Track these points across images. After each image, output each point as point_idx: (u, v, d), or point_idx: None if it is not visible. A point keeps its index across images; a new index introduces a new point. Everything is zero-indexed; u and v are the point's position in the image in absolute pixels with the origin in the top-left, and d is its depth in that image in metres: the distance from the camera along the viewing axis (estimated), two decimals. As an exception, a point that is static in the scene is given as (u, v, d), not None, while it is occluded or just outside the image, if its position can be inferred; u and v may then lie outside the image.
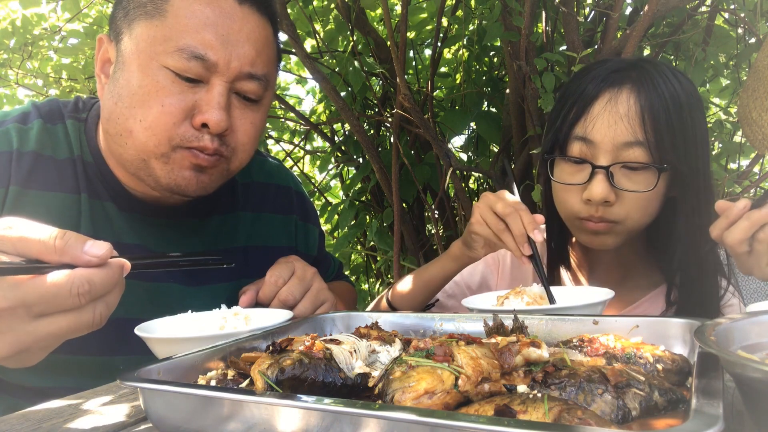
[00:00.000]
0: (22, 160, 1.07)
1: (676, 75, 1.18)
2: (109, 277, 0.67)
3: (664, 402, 0.56)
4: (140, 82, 1.01)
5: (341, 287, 1.53)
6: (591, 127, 1.16)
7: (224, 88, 1.04)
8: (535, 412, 0.50)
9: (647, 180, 1.15)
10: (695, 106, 1.17)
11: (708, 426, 0.41)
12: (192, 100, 1.03)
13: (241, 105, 1.09)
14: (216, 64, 1.02)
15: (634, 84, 1.15)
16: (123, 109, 1.03)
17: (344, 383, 0.65)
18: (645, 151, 1.13)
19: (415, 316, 0.95)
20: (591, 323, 0.79)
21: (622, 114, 1.14)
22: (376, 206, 3.24)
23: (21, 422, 0.72)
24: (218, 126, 1.03)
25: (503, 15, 2.15)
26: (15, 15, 3.19)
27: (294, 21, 2.59)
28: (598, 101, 1.16)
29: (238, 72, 1.05)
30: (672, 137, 1.13)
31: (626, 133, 1.13)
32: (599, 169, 1.15)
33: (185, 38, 1.00)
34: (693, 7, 2.25)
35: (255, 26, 1.07)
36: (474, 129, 3.01)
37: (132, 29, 1.04)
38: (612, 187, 1.15)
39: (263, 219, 1.38)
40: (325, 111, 3.44)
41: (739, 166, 2.73)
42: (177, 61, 1.00)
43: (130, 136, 1.03)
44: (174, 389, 0.60)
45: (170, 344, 0.87)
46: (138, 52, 1.02)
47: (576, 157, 1.19)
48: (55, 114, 1.15)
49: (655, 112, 1.12)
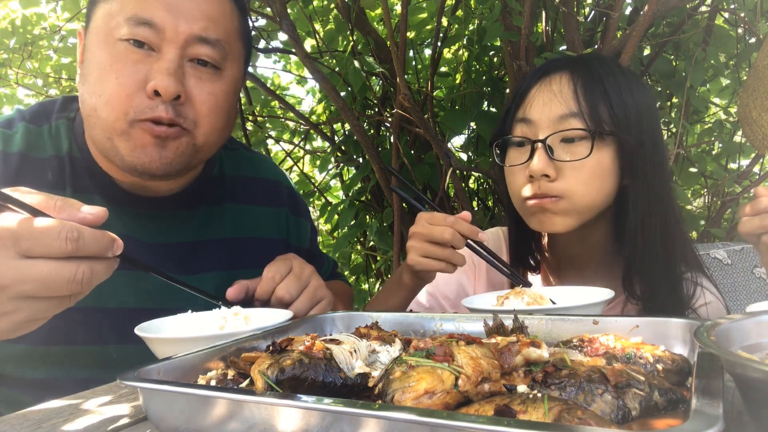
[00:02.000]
0: (8, 162, 1.10)
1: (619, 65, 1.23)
2: (99, 238, 0.69)
3: (664, 402, 0.56)
4: (99, 59, 1.04)
5: (337, 286, 1.53)
6: (528, 108, 1.22)
7: (174, 54, 1.05)
8: (535, 412, 0.50)
9: (586, 150, 1.17)
10: (637, 89, 1.20)
11: (708, 426, 0.41)
12: (144, 70, 1.04)
13: (197, 73, 1.09)
14: (163, 29, 1.04)
15: (568, 68, 1.21)
16: (88, 88, 1.06)
17: (344, 383, 0.64)
18: (580, 121, 1.16)
19: (415, 316, 0.94)
20: (591, 323, 0.79)
21: (555, 91, 1.19)
22: (376, 206, 3.24)
23: (21, 422, 0.72)
24: (167, 91, 1.03)
25: (503, 15, 2.15)
26: (15, 15, 3.19)
27: (294, 21, 2.59)
28: (535, 86, 1.23)
29: (187, 35, 1.05)
30: (609, 107, 1.16)
31: (560, 107, 1.18)
32: (537, 143, 1.19)
33: (133, 8, 1.03)
34: (693, 7, 2.25)
35: None
36: (474, 129, 3.01)
37: (95, 14, 1.08)
38: (551, 160, 1.17)
39: (252, 211, 1.39)
40: (325, 111, 3.44)
41: (739, 166, 2.73)
42: (126, 29, 1.03)
43: (95, 113, 1.05)
44: (174, 389, 0.60)
45: (170, 344, 0.87)
46: (97, 32, 1.06)
47: (517, 137, 1.24)
48: (41, 116, 1.19)
49: (588, 86, 1.17)
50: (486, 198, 3.40)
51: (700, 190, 2.86)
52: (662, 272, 1.20)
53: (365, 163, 2.97)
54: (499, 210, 3.13)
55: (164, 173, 1.09)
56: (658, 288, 1.20)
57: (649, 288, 1.21)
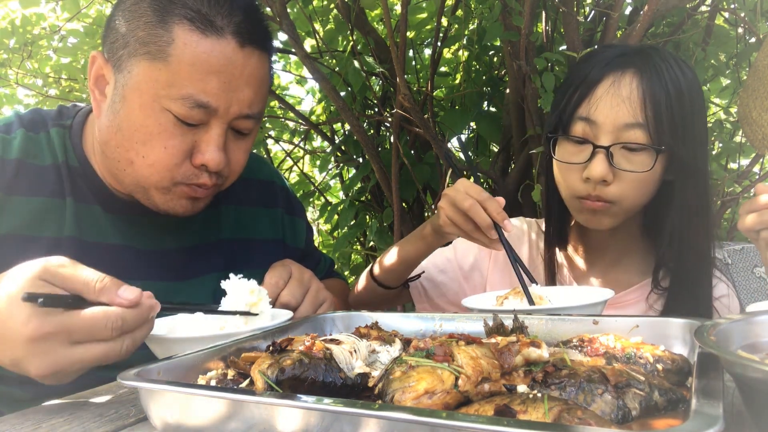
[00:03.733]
0: (5, 168, 1.10)
1: (679, 63, 1.21)
2: (139, 316, 0.78)
3: (664, 402, 0.56)
4: (143, 122, 1.04)
5: (335, 285, 1.54)
6: (594, 108, 1.20)
7: (222, 129, 1.07)
8: (535, 412, 0.50)
9: (645, 161, 1.18)
10: (695, 94, 1.21)
11: (708, 426, 0.41)
12: (192, 140, 1.06)
13: (235, 138, 1.13)
14: (217, 109, 1.05)
15: (637, 69, 1.19)
16: (123, 140, 1.06)
17: (344, 383, 0.65)
18: (644, 133, 1.16)
19: (415, 316, 0.95)
20: (591, 323, 0.79)
21: (624, 96, 1.17)
22: (376, 206, 3.24)
23: (21, 422, 0.72)
24: (217, 167, 1.08)
25: (503, 15, 2.14)
26: (15, 15, 3.18)
27: (294, 21, 2.58)
28: (602, 84, 1.20)
29: (237, 115, 1.08)
30: (671, 121, 1.16)
31: (627, 115, 1.17)
32: (600, 148, 1.18)
33: (189, 87, 1.02)
34: (693, 7, 2.25)
35: (255, 67, 1.09)
36: (474, 129, 3.01)
37: (133, 65, 1.04)
38: (611, 166, 1.18)
39: (247, 212, 1.40)
40: (325, 111, 3.44)
41: (739, 166, 2.72)
42: (180, 107, 1.02)
43: (131, 166, 1.07)
44: (174, 389, 0.60)
45: (170, 344, 0.87)
46: (140, 92, 1.03)
47: (578, 137, 1.22)
48: (38, 123, 1.18)
49: (656, 96, 1.16)
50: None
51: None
52: (695, 270, 1.24)
53: (365, 163, 2.97)
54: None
55: (189, 216, 1.16)
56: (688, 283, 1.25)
57: (677, 282, 1.25)
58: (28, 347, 0.72)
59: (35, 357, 0.73)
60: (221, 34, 1.03)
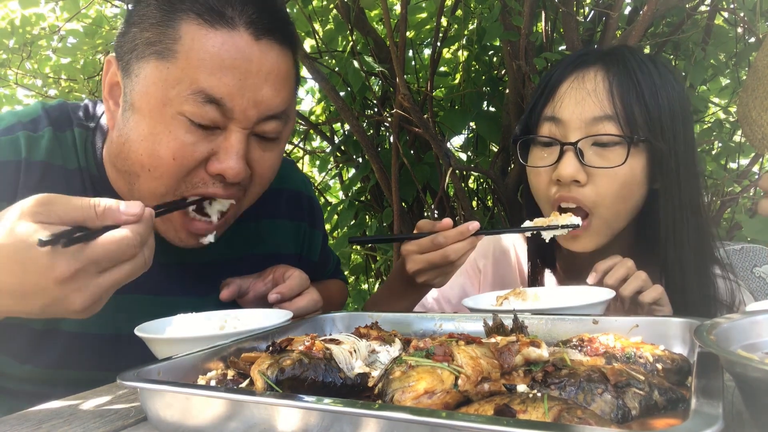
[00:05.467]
0: (31, 170, 1.04)
1: (655, 63, 1.16)
2: (149, 226, 0.80)
3: (663, 401, 0.56)
4: (151, 130, 0.96)
5: (333, 286, 1.53)
6: (559, 106, 1.15)
7: (243, 135, 0.98)
8: (535, 412, 0.50)
9: (619, 157, 1.10)
10: (675, 93, 1.14)
11: (708, 425, 0.41)
12: (207, 148, 0.98)
13: (260, 146, 1.03)
14: (233, 110, 0.96)
15: (603, 63, 1.14)
16: (131, 152, 0.99)
17: (344, 383, 0.64)
18: (615, 125, 1.10)
19: (415, 316, 0.94)
20: (591, 323, 0.79)
21: (589, 90, 1.12)
22: (376, 206, 3.24)
23: (21, 422, 0.72)
24: (237, 177, 0.99)
25: (503, 15, 2.14)
26: (14, 15, 3.18)
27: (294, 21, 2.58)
28: (566, 81, 1.15)
29: (257, 118, 0.99)
30: (645, 112, 1.10)
31: (594, 108, 1.11)
32: (567, 146, 1.12)
33: (199, 80, 0.93)
34: (692, 7, 2.25)
35: (274, 62, 0.99)
36: (473, 129, 3.01)
37: (141, 68, 0.97)
38: (582, 164, 1.11)
39: (275, 225, 1.35)
40: (324, 111, 3.44)
41: (738, 166, 2.73)
42: (191, 106, 0.94)
43: (137, 180, 1.01)
44: (174, 389, 0.60)
45: (170, 344, 0.87)
46: (148, 96, 0.96)
47: (545, 137, 1.17)
48: (65, 120, 1.12)
49: (624, 86, 1.10)
50: (486, 198, 3.40)
51: (700, 190, 2.86)
52: (694, 275, 1.16)
53: (365, 163, 2.97)
54: (498, 210, 3.13)
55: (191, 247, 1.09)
56: (688, 289, 1.17)
57: (679, 288, 1.17)
58: (62, 289, 0.72)
59: (72, 295, 0.73)
60: (233, 26, 0.95)
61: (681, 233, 1.15)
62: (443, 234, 1.07)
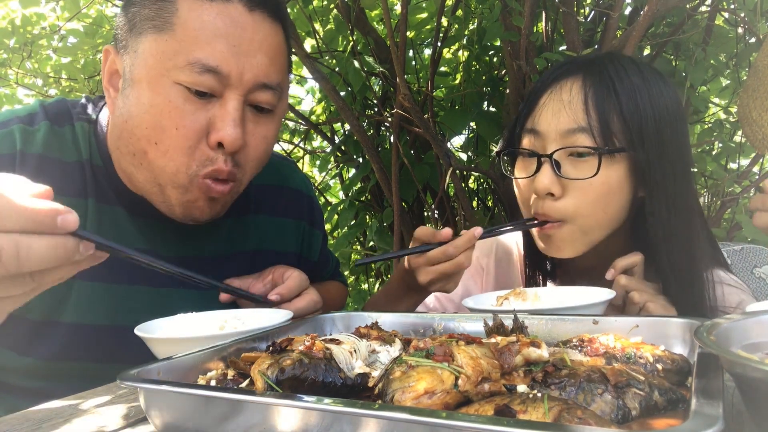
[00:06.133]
0: (26, 162, 1.04)
1: (641, 69, 1.14)
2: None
3: (664, 402, 0.56)
4: (152, 101, 0.99)
5: (333, 288, 1.53)
6: (537, 118, 1.15)
7: (238, 101, 1.01)
8: (535, 412, 0.50)
9: (593, 168, 1.09)
10: (659, 93, 1.12)
11: (708, 426, 0.41)
12: (205, 117, 1.00)
13: (255, 117, 1.06)
14: (228, 76, 0.99)
15: (581, 73, 1.13)
16: (134, 128, 1.01)
17: (344, 383, 0.64)
18: (588, 137, 1.09)
19: (415, 316, 0.94)
20: (591, 323, 0.79)
21: (565, 101, 1.12)
22: (376, 206, 3.24)
23: (21, 422, 0.72)
24: (234, 144, 1.01)
25: (503, 15, 2.15)
26: (15, 14, 3.18)
27: (294, 21, 2.59)
28: (546, 93, 1.16)
29: (252, 83, 1.02)
30: (621, 121, 1.09)
31: (568, 120, 1.10)
32: (544, 157, 1.12)
33: (195, 51, 0.97)
34: (693, 7, 2.25)
35: (267, 33, 1.04)
36: (474, 129, 3.01)
37: (140, 43, 1.01)
38: (557, 176, 1.11)
39: (276, 223, 1.36)
40: (324, 111, 3.44)
41: (739, 166, 2.73)
42: (189, 75, 0.97)
43: (145, 157, 1.02)
44: (174, 389, 0.60)
45: (170, 344, 0.87)
46: (147, 68, 0.99)
47: (523, 149, 1.17)
48: (63, 115, 1.13)
49: (599, 96, 1.09)
50: (486, 198, 3.40)
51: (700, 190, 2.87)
52: (688, 280, 1.14)
53: (365, 163, 2.98)
54: (499, 210, 3.14)
55: (207, 221, 1.10)
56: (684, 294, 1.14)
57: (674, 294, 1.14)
58: None
59: None
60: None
61: (672, 239, 1.13)
62: (453, 245, 1.09)
